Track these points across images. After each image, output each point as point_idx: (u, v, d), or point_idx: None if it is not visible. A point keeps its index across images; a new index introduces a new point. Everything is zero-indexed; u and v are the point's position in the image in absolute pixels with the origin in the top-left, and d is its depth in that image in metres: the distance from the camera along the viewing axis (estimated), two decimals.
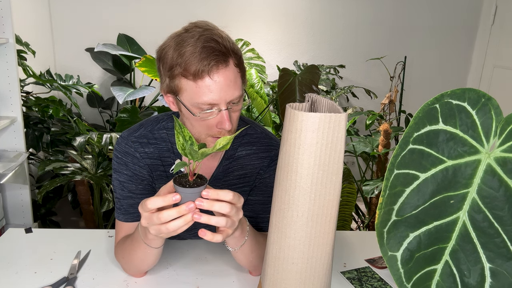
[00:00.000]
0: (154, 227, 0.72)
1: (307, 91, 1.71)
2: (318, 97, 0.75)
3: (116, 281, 0.94)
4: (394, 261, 0.58)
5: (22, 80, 2.03)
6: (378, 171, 2.10)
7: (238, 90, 0.85)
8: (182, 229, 0.71)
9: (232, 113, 0.86)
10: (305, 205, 0.66)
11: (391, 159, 0.58)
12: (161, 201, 0.70)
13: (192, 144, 0.69)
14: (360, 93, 2.88)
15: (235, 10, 2.72)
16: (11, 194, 1.87)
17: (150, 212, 0.71)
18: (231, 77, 0.83)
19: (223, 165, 0.99)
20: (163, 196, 0.70)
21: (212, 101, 0.82)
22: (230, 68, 0.83)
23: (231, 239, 0.83)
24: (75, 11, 2.60)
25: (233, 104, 0.86)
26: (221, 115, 0.84)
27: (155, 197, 0.70)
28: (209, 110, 0.84)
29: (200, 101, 0.82)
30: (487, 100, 0.55)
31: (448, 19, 2.86)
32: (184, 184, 0.69)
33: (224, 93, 0.82)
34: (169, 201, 0.69)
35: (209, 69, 0.80)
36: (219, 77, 0.81)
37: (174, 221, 0.70)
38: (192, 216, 0.69)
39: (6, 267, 0.98)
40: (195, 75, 0.80)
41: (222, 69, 0.82)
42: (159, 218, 0.69)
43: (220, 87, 0.82)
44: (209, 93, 0.82)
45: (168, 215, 0.69)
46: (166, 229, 0.70)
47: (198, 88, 0.82)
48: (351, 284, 0.97)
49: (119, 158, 0.96)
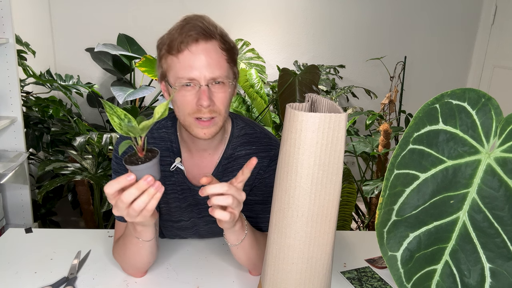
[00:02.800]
0: (124, 212, 0.71)
1: (307, 91, 1.71)
2: (318, 97, 0.75)
3: (116, 281, 0.94)
4: (394, 261, 0.58)
5: (22, 80, 2.03)
6: (378, 171, 2.10)
7: (221, 70, 0.86)
8: (152, 205, 0.70)
9: (215, 93, 0.87)
10: (305, 205, 0.66)
11: (391, 159, 0.58)
12: (116, 184, 0.68)
13: (130, 121, 0.66)
14: (360, 93, 2.88)
15: (235, 10, 2.72)
16: (11, 194, 1.87)
17: (114, 198, 0.70)
18: (213, 55, 0.85)
19: (222, 165, 0.99)
20: (118, 178, 0.69)
21: (192, 76, 0.84)
22: (212, 46, 0.85)
23: (232, 233, 0.83)
24: (75, 11, 2.60)
25: (216, 84, 0.86)
26: (200, 91, 0.85)
27: (111, 181, 0.69)
28: (187, 84, 0.85)
29: (180, 75, 0.85)
30: (487, 100, 0.55)
31: (448, 19, 2.86)
32: (136, 162, 0.67)
33: (204, 69, 0.84)
34: (124, 182, 0.68)
35: (188, 41, 0.83)
36: (198, 50, 0.84)
37: (138, 199, 0.69)
38: (160, 184, 0.69)
39: (6, 267, 0.98)
40: (177, 49, 0.84)
41: (202, 43, 0.84)
42: (122, 201, 0.69)
43: (200, 62, 0.84)
44: (189, 67, 0.84)
45: (129, 194, 0.68)
46: (133, 211, 0.69)
47: (180, 63, 0.84)
48: (351, 284, 0.97)
49: (118, 158, 0.97)
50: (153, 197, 0.69)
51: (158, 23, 2.63)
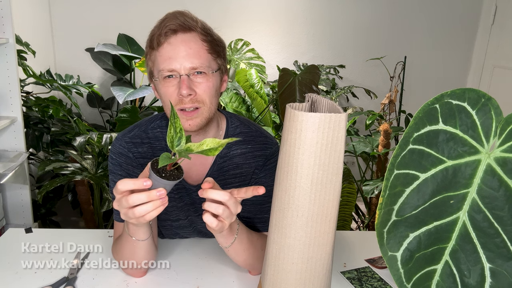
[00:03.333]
0: (123, 210, 0.71)
1: (307, 91, 1.71)
2: (318, 97, 0.75)
3: (116, 281, 0.94)
4: (394, 261, 0.58)
5: (22, 80, 2.03)
6: (378, 171, 2.10)
7: (201, 60, 0.86)
8: (151, 216, 0.71)
9: (197, 83, 0.87)
10: (305, 205, 0.66)
11: (391, 159, 0.58)
12: (131, 184, 0.69)
13: (181, 138, 0.67)
14: (360, 93, 2.87)
15: (235, 10, 2.72)
16: (11, 194, 1.87)
17: (121, 195, 0.70)
18: (192, 45, 0.86)
19: (217, 164, 0.99)
20: (134, 179, 0.69)
21: (172, 67, 0.85)
22: (192, 37, 0.86)
23: (220, 237, 0.83)
24: (75, 11, 2.60)
25: (197, 74, 0.87)
26: (180, 81, 0.86)
27: (127, 179, 0.70)
28: (169, 76, 0.86)
29: (161, 67, 0.86)
30: (487, 100, 0.55)
31: (448, 19, 2.86)
32: (160, 172, 0.68)
33: (182, 59, 0.85)
34: (139, 185, 0.68)
35: (166, 33, 0.84)
36: (177, 42, 0.85)
37: (142, 206, 0.69)
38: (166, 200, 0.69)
39: (6, 267, 0.98)
40: (157, 42, 0.86)
41: (180, 34, 0.86)
42: (127, 201, 0.69)
43: (179, 53, 0.85)
44: (168, 59, 0.85)
45: (137, 199, 0.68)
46: (133, 214, 0.70)
47: (160, 56, 0.86)
48: (351, 284, 0.97)
49: (113, 159, 0.97)
50: (156, 209, 0.70)
51: None
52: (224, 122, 1.01)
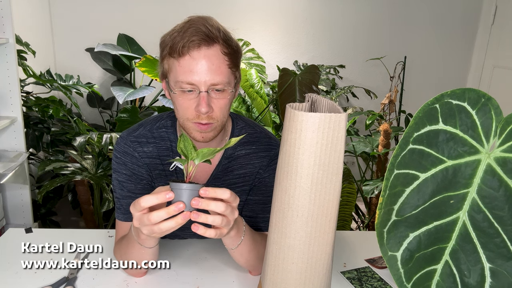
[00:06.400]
0: (147, 227, 0.71)
1: (307, 91, 1.71)
2: (318, 97, 0.75)
3: (116, 281, 0.94)
4: (394, 261, 0.58)
5: (22, 80, 2.03)
6: (378, 171, 2.10)
7: (221, 76, 0.85)
8: (175, 229, 0.71)
9: (215, 100, 0.86)
10: (305, 205, 0.66)
11: (391, 159, 0.58)
12: (155, 199, 0.69)
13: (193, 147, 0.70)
14: (360, 93, 2.87)
15: (235, 11, 2.72)
16: (11, 194, 1.87)
17: (141, 213, 0.71)
18: (214, 61, 0.84)
19: (222, 164, 0.99)
20: (157, 194, 0.69)
21: (191, 81, 0.83)
22: (214, 52, 0.84)
23: (227, 238, 0.83)
24: (75, 11, 2.60)
25: (216, 91, 0.86)
26: (199, 97, 0.85)
27: (148, 195, 0.70)
28: (189, 90, 0.85)
29: (180, 79, 0.84)
30: (487, 100, 0.55)
31: (448, 19, 2.86)
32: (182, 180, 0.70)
33: (204, 75, 0.83)
34: (162, 198, 0.69)
35: (189, 45, 0.82)
36: (200, 56, 0.83)
37: (165, 222, 0.69)
38: (190, 215, 0.69)
39: (6, 267, 0.98)
40: (178, 52, 0.83)
41: (203, 49, 0.83)
42: (149, 219, 0.69)
43: (201, 68, 0.83)
44: (189, 72, 0.83)
45: (158, 216, 0.69)
46: (158, 229, 0.70)
47: (180, 67, 0.84)
48: (351, 284, 0.97)
49: (118, 158, 0.97)
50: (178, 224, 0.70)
51: (158, 23, 2.62)
52: (230, 124, 1.01)
